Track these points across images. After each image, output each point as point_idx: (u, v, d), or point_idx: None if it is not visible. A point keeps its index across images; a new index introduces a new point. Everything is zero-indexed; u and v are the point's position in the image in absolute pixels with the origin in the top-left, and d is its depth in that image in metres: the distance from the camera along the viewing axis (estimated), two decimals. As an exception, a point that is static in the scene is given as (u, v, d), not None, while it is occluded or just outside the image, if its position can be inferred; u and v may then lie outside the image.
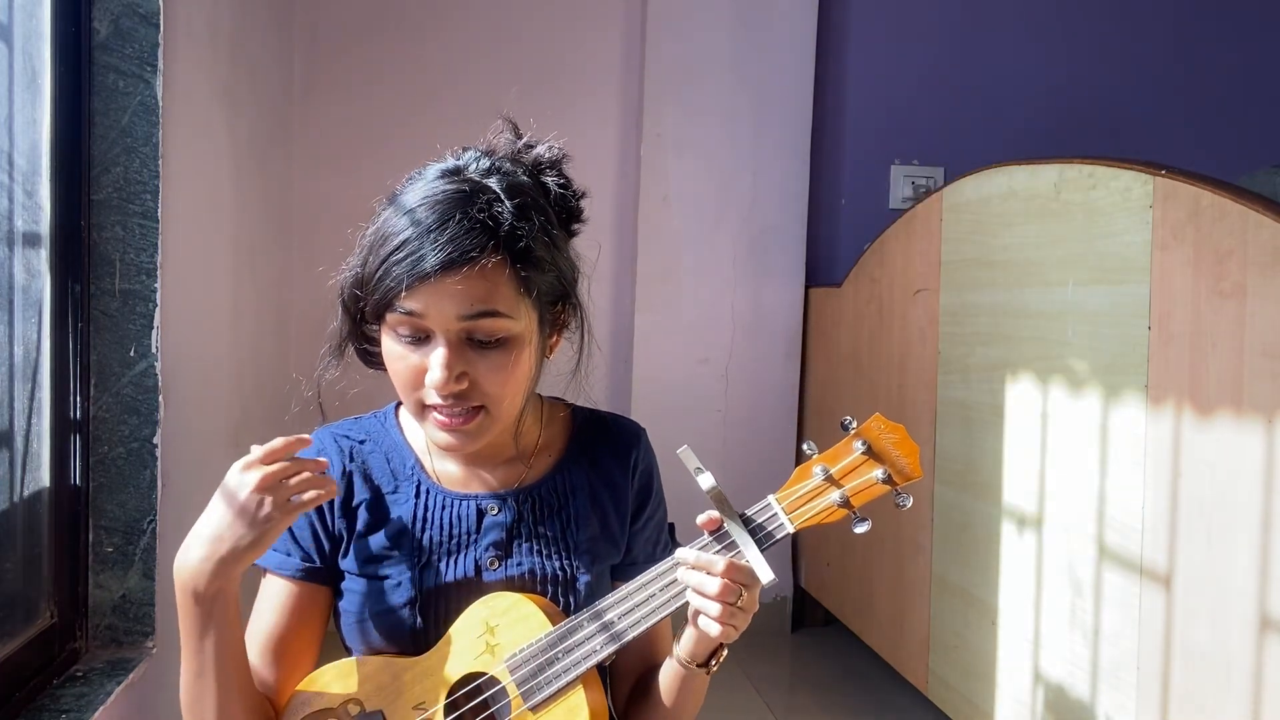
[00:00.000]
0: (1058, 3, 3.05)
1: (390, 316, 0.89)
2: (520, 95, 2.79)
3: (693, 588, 0.89)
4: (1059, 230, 1.64)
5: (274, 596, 0.99)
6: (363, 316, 0.94)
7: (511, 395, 0.92)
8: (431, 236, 0.86)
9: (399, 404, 1.06)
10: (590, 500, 1.03)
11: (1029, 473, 1.73)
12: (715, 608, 0.87)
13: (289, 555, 0.99)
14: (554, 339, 0.99)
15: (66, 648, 1.44)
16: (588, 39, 2.86)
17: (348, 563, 0.99)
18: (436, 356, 0.88)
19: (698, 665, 0.95)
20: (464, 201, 0.88)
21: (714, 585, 0.86)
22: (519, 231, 0.89)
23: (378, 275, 0.89)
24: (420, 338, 0.90)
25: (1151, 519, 1.42)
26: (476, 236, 0.87)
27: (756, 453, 2.84)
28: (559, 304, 0.97)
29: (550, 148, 0.99)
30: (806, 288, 2.88)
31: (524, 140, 0.99)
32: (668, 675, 0.98)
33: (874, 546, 2.36)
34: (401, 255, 0.87)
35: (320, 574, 0.99)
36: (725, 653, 0.96)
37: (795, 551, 2.88)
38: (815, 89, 2.86)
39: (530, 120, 1.03)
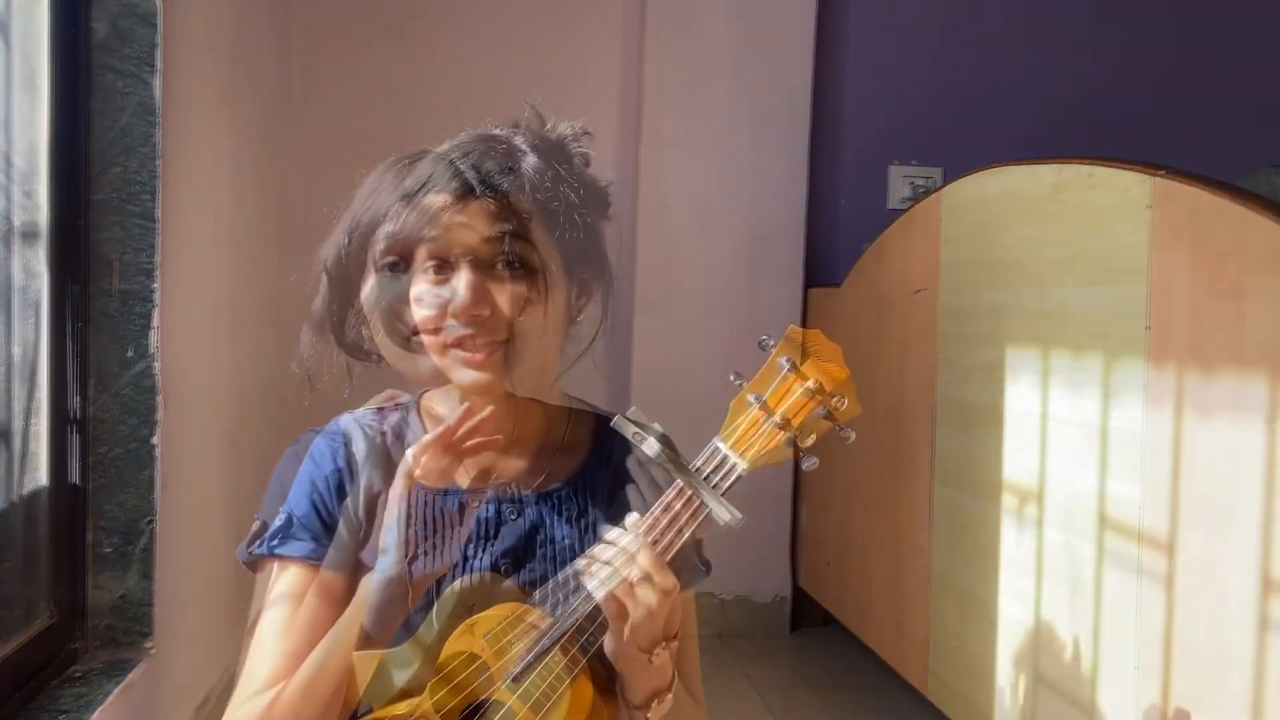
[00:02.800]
0: (1057, 3, 3.05)
1: (420, 250, 0.90)
2: (520, 95, 2.79)
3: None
4: (1058, 231, 1.64)
5: (309, 584, 0.95)
6: (350, 283, 0.96)
7: (534, 333, 0.92)
8: (462, 163, 0.90)
9: (421, 395, 1.05)
10: (608, 504, 1.02)
11: (1029, 473, 1.73)
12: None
13: (318, 544, 0.96)
14: (582, 300, 1.00)
15: (65, 648, 1.44)
16: (587, 40, 2.86)
17: (366, 554, 0.96)
18: (460, 280, 0.90)
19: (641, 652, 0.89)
20: (489, 140, 0.94)
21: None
22: (539, 172, 0.92)
23: (404, 212, 0.90)
24: (444, 273, 0.91)
25: (1151, 519, 1.42)
26: (502, 167, 0.91)
27: (756, 453, 2.83)
28: (584, 265, 0.98)
29: (572, 125, 1.03)
30: (805, 288, 2.87)
31: (549, 123, 1.03)
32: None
33: (873, 546, 2.35)
34: (430, 183, 0.90)
35: (347, 562, 0.97)
36: (664, 647, 0.90)
37: (794, 551, 2.88)
38: (814, 89, 2.86)
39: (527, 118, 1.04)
